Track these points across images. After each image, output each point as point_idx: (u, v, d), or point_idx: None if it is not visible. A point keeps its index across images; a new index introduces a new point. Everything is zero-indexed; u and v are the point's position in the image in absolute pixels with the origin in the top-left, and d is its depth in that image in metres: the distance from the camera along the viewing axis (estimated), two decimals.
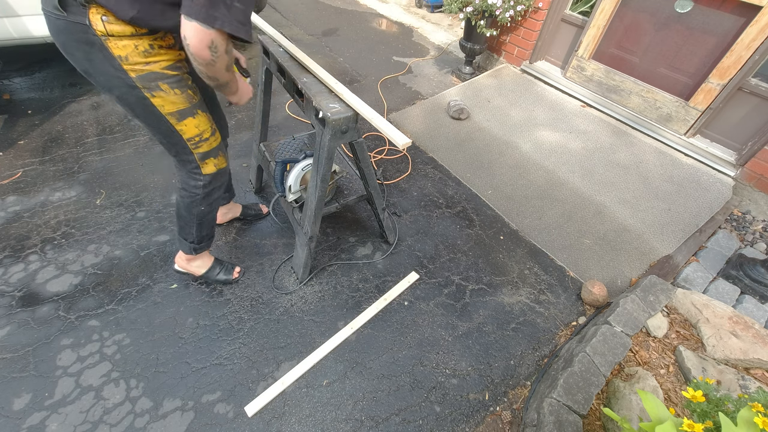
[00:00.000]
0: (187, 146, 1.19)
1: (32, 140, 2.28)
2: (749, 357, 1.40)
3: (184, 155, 1.21)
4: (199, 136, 1.19)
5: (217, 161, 1.28)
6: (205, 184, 1.29)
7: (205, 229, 1.44)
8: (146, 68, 0.99)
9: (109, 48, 0.93)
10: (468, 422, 1.38)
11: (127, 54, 0.95)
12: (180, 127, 1.13)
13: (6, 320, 1.49)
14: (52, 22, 0.93)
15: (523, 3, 2.77)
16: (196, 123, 1.16)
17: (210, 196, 1.33)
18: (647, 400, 0.80)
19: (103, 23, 0.89)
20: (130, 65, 0.97)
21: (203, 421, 1.30)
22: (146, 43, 0.97)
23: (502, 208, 2.19)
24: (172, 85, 1.06)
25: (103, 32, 0.90)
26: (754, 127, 2.28)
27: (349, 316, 1.63)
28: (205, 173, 1.27)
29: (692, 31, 2.33)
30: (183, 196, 1.32)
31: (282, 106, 2.79)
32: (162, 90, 1.04)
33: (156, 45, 0.99)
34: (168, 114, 1.09)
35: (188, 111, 1.12)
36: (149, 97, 1.04)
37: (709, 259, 1.94)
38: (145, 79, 1.00)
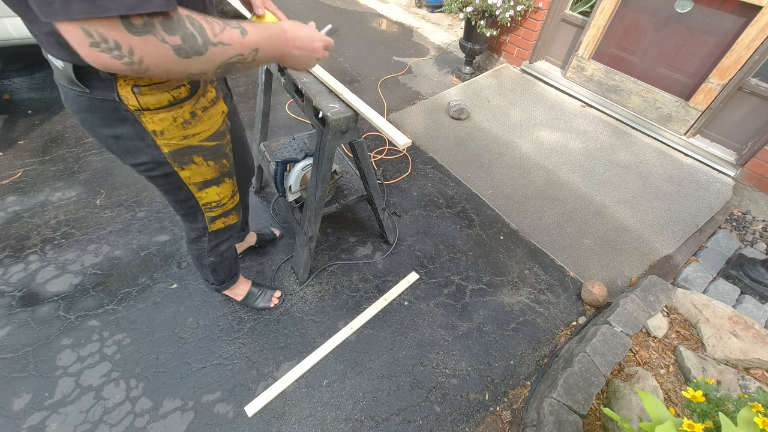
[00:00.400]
0: (200, 210, 1.06)
1: (32, 140, 2.28)
2: (749, 357, 1.40)
3: (193, 216, 1.08)
4: (217, 202, 1.06)
5: (227, 220, 1.15)
6: (210, 240, 1.18)
7: (222, 273, 1.38)
8: (183, 142, 0.84)
9: (143, 123, 0.77)
10: (468, 422, 1.38)
11: (163, 128, 0.80)
12: (200, 194, 1.00)
13: (6, 320, 1.49)
14: (70, 98, 0.76)
15: (523, 3, 2.77)
16: (219, 191, 1.03)
17: (217, 249, 1.23)
18: (647, 400, 0.80)
19: (135, 96, 0.73)
20: (166, 140, 0.82)
21: (203, 421, 1.30)
22: (187, 112, 0.81)
23: (502, 208, 2.19)
24: (207, 158, 0.92)
25: (137, 106, 0.74)
26: (754, 127, 2.28)
27: (349, 316, 1.63)
28: (210, 230, 1.15)
29: (692, 31, 2.33)
30: (190, 249, 1.23)
31: (282, 106, 2.79)
32: (195, 163, 0.90)
33: (199, 110, 0.83)
34: (192, 184, 0.96)
35: (215, 180, 0.99)
36: (178, 170, 0.89)
37: (709, 259, 1.94)
38: (179, 154, 0.86)
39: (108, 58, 0.51)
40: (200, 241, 1.19)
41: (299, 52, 0.77)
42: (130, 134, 0.79)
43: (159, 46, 0.53)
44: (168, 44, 0.54)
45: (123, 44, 0.51)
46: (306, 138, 1.92)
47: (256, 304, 1.59)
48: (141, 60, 0.53)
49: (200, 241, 1.19)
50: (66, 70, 0.69)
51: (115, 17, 0.48)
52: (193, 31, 0.56)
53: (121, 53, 0.51)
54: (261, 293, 1.60)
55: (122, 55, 0.52)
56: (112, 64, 0.52)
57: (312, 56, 0.81)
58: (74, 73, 0.68)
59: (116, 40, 0.50)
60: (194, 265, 1.36)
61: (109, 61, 0.52)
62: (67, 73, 0.69)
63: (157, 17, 0.51)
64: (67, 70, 0.69)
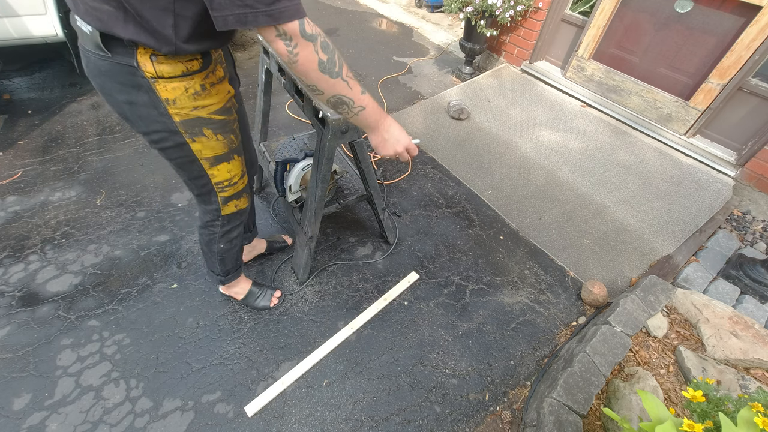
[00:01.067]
0: (213, 189, 1.11)
1: (32, 140, 2.28)
2: (749, 357, 1.40)
3: (207, 196, 1.14)
4: (229, 181, 1.11)
5: (238, 202, 1.21)
6: (223, 224, 1.23)
7: (229, 263, 1.40)
8: (193, 113, 0.91)
9: (157, 91, 0.84)
10: (468, 422, 1.38)
11: (176, 97, 0.86)
12: (212, 171, 1.06)
13: (6, 320, 1.49)
14: (92, 62, 0.84)
15: (523, 3, 2.77)
16: (230, 168, 1.09)
17: (228, 234, 1.28)
18: (647, 400, 0.80)
19: (152, 63, 0.80)
20: (177, 109, 0.88)
21: (203, 421, 1.30)
22: (197, 83, 0.88)
23: (502, 208, 2.19)
24: (216, 131, 0.98)
25: (153, 74, 0.81)
26: (754, 127, 2.28)
27: (349, 316, 1.63)
28: (223, 214, 1.20)
29: (692, 31, 2.33)
30: (202, 234, 1.28)
31: (282, 106, 2.79)
32: (204, 136, 0.96)
33: (208, 84, 0.91)
34: (203, 158, 1.01)
35: (225, 156, 1.05)
36: (189, 142, 0.95)
37: (709, 259, 1.94)
38: (190, 125, 0.92)
39: (282, 45, 0.71)
40: (213, 226, 1.23)
41: (387, 136, 0.97)
42: (144, 101, 0.86)
43: (312, 53, 0.74)
44: (317, 56, 0.74)
45: (294, 40, 0.71)
46: (306, 138, 1.92)
47: (257, 303, 1.59)
48: (297, 53, 0.73)
49: (213, 225, 1.23)
50: (93, 35, 0.78)
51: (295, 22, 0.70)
52: (336, 60, 0.78)
53: (290, 45, 0.72)
54: (261, 293, 1.60)
55: (290, 46, 0.72)
56: (283, 50, 0.72)
57: (393, 147, 0.99)
58: (101, 38, 0.77)
59: (291, 36, 0.71)
60: (203, 252, 1.37)
61: (282, 48, 0.72)
62: (94, 38, 0.78)
63: (320, 37, 0.74)
64: (94, 35, 0.78)
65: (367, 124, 0.93)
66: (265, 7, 0.66)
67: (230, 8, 0.67)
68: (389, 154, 1.00)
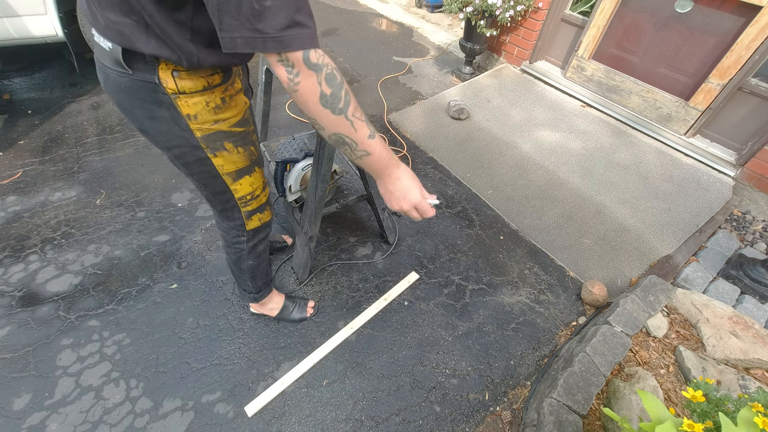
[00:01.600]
0: (236, 205, 1.09)
1: (32, 140, 2.28)
2: (749, 357, 1.40)
3: (230, 212, 1.12)
4: (251, 194, 1.09)
5: (262, 216, 1.18)
6: (249, 239, 1.21)
7: (260, 279, 1.38)
8: (214, 127, 0.89)
9: (179, 106, 0.82)
10: (468, 422, 1.38)
11: (197, 112, 0.85)
12: (235, 186, 1.04)
13: (6, 320, 1.49)
14: (111, 79, 0.82)
15: (523, 3, 2.77)
16: (251, 181, 1.07)
17: (255, 249, 1.26)
18: (647, 400, 0.80)
19: (174, 79, 0.78)
20: (199, 124, 0.87)
21: (203, 421, 1.31)
22: (218, 97, 0.87)
23: (502, 208, 2.19)
24: (237, 143, 0.96)
25: (174, 90, 0.80)
26: (754, 127, 2.28)
27: (349, 316, 1.63)
28: (248, 229, 1.18)
29: (692, 31, 2.33)
30: (229, 253, 1.25)
31: (282, 106, 2.79)
32: (226, 150, 0.95)
33: (227, 96, 0.89)
34: (225, 174, 0.99)
35: (247, 169, 1.03)
36: (211, 157, 0.94)
37: (709, 259, 1.94)
38: (211, 139, 0.91)
39: (283, 71, 0.66)
40: (239, 243, 1.21)
41: (393, 189, 0.88)
42: (165, 117, 0.84)
43: (314, 84, 0.68)
44: (320, 88, 0.68)
45: (296, 68, 0.66)
46: (306, 138, 1.92)
47: (292, 316, 1.57)
48: (298, 83, 0.67)
49: (239, 242, 1.20)
50: (114, 52, 0.76)
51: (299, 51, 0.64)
52: (342, 96, 0.71)
53: (291, 72, 0.66)
54: (295, 305, 1.58)
55: (291, 74, 0.66)
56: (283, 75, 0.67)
57: (398, 202, 0.89)
58: (122, 55, 0.75)
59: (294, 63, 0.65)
60: (232, 272, 1.34)
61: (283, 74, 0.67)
62: (114, 55, 0.76)
63: (326, 68, 0.68)
64: (114, 52, 0.76)
65: (371, 170, 0.85)
66: (276, 33, 0.62)
67: (239, 30, 0.62)
68: (394, 209, 0.91)
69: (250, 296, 1.43)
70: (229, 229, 1.17)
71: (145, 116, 0.85)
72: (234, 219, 1.14)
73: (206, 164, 0.95)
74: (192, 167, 0.96)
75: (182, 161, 0.95)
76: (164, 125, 0.86)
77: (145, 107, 0.83)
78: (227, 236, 1.20)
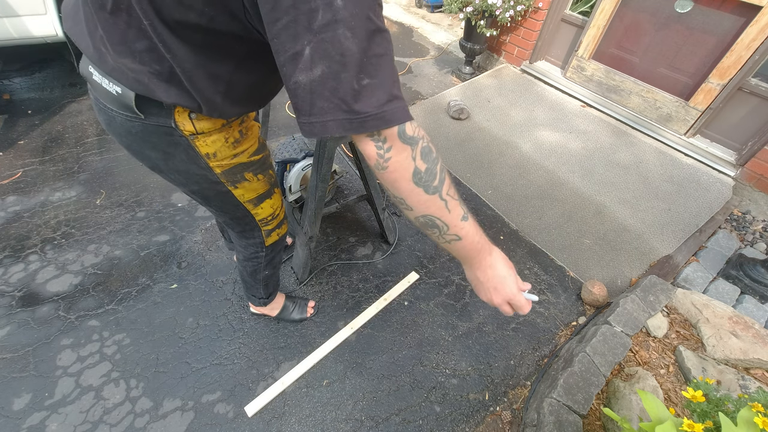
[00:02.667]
0: (257, 226, 1.08)
1: (32, 140, 2.28)
2: (749, 357, 1.40)
3: (250, 233, 1.10)
4: (272, 215, 1.08)
5: (280, 230, 1.17)
6: (267, 254, 1.20)
7: (271, 286, 1.39)
8: (233, 161, 0.85)
9: (197, 147, 0.77)
10: (468, 422, 1.38)
11: (216, 150, 0.80)
12: (256, 210, 1.02)
13: (6, 320, 1.49)
14: (117, 122, 0.74)
15: (523, 3, 2.77)
16: (272, 203, 1.05)
17: (273, 261, 1.26)
18: (647, 400, 0.80)
19: (191, 122, 0.73)
20: (218, 161, 0.82)
21: (203, 421, 1.31)
22: (236, 131, 0.82)
23: (502, 208, 2.19)
24: (256, 172, 0.93)
25: (192, 131, 0.74)
26: (754, 127, 2.28)
27: (349, 316, 1.63)
28: (267, 245, 1.17)
29: (692, 31, 2.33)
30: (245, 266, 1.24)
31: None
32: (246, 180, 0.91)
33: (245, 129, 0.85)
34: (247, 201, 0.97)
35: (267, 194, 1.01)
36: (231, 189, 0.90)
37: (709, 259, 1.94)
38: (231, 173, 0.87)
39: (372, 145, 0.57)
40: (257, 257, 1.20)
41: (484, 279, 0.76)
42: (182, 158, 0.79)
43: (407, 159, 0.58)
44: (414, 164, 0.59)
45: (388, 142, 0.56)
46: (306, 138, 1.92)
47: (293, 316, 1.57)
48: (389, 158, 0.58)
49: (257, 257, 1.19)
50: (124, 97, 0.69)
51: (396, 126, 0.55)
52: (438, 173, 0.61)
53: (381, 146, 0.57)
54: (295, 305, 1.58)
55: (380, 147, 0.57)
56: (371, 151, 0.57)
57: (488, 294, 0.78)
58: (135, 101, 0.68)
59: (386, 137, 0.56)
60: (244, 282, 1.34)
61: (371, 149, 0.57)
62: (124, 100, 0.69)
63: (422, 141, 0.59)
64: (125, 97, 0.69)
65: (460, 256, 0.73)
66: (376, 110, 0.53)
67: (333, 113, 0.52)
68: (484, 300, 0.79)
69: (260, 301, 1.42)
70: (248, 246, 1.16)
71: (158, 158, 0.79)
72: (254, 237, 1.12)
73: (227, 197, 0.92)
74: (211, 201, 0.93)
75: (201, 196, 0.92)
76: (181, 165, 0.80)
77: (159, 149, 0.77)
78: (245, 252, 1.18)
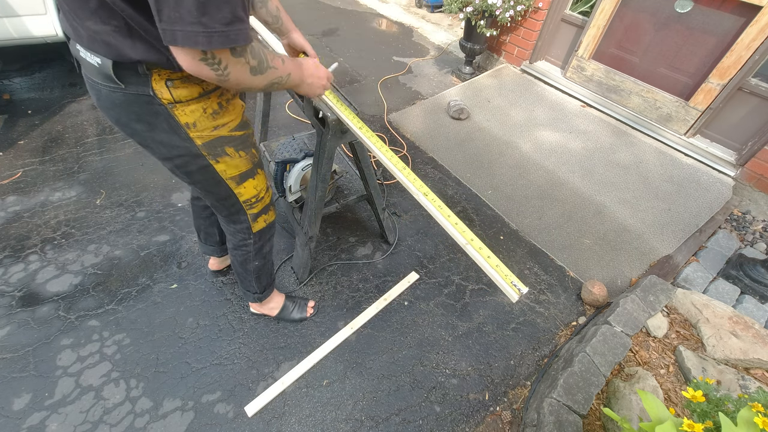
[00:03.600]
0: (242, 208, 1.10)
1: (32, 140, 2.28)
2: (749, 357, 1.40)
3: (236, 216, 1.13)
4: (256, 197, 1.10)
5: (267, 217, 1.20)
6: (255, 241, 1.22)
7: (265, 280, 1.39)
8: (214, 133, 0.89)
9: (176, 116, 0.82)
10: (468, 422, 1.38)
11: (195, 120, 0.84)
12: (239, 190, 1.04)
13: (6, 320, 1.49)
14: (103, 95, 0.80)
15: (523, 3, 2.77)
16: (255, 183, 1.08)
17: (262, 250, 1.27)
18: (647, 400, 0.80)
19: (168, 89, 0.78)
20: (198, 132, 0.86)
21: (203, 421, 1.30)
22: (215, 102, 0.86)
23: (502, 208, 2.19)
24: (238, 148, 0.96)
25: (170, 99, 0.79)
26: (754, 127, 2.28)
27: (349, 316, 1.63)
28: (254, 231, 1.19)
29: (692, 31, 2.33)
30: (235, 255, 1.26)
31: (282, 106, 2.79)
32: (228, 155, 0.95)
33: (224, 101, 0.89)
34: (229, 178, 1.00)
35: (249, 172, 1.04)
36: (213, 163, 0.94)
37: (709, 259, 1.94)
38: (212, 146, 0.90)
39: (208, 69, 0.66)
40: (246, 245, 1.21)
41: (310, 80, 0.95)
42: (164, 128, 0.84)
43: (244, 66, 0.71)
44: (249, 65, 0.72)
45: (224, 62, 0.67)
46: (306, 138, 1.92)
47: (292, 316, 1.57)
48: (228, 73, 0.69)
49: (246, 244, 1.21)
50: (103, 67, 0.74)
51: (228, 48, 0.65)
52: (262, 57, 0.75)
53: (219, 67, 0.67)
54: (295, 305, 1.58)
55: (219, 69, 0.67)
56: (209, 74, 0.67)
57: (319, 84, 0.98)
58: (113, 69, 0.73)
59: (221, 59, 0.66)
60: (237, 273, 1.35)
61: (207, 72, 0.67)
62: (104, 70, 0.74)
63: (249, 46, 0.69)
64: (104, 67, 0.74)
65: (295, 84, 0.90)
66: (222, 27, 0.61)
67: (179, 23, 0.59)
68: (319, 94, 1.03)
69: (255, 296, 1.43)
70: (236, 232, 1.18)
71: (143, 129, 0.84)
72: (240, 222, 1.15)
73: (209, 171, 0.95)
74: (195, 176, 0.96)
75: (184, 170, 0.94)
76: (164, 136, 0.85)
77: (143, 120, 0.82)
78: (234, 239, 1.21)
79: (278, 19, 1.11)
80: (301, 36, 1.15)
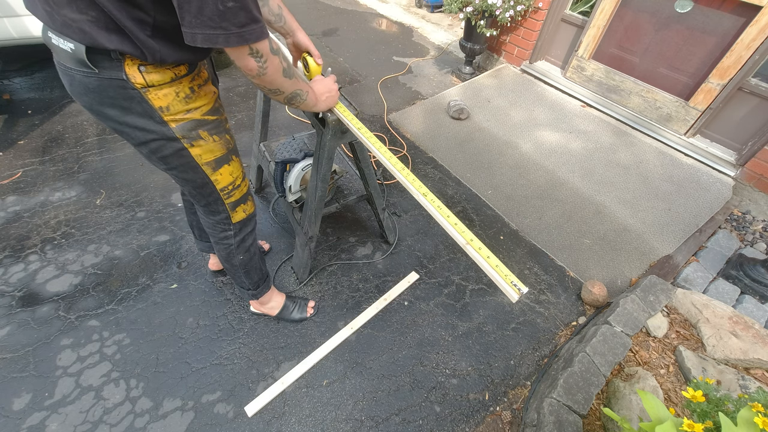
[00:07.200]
0: (219, 197, 1.11)
1: (32, 140, 2.28)
2: (749, 357, 1.40)
3: (214, 205, 1.13)
4: (232, 184, 1.11)
5: (245, 207, 1.20)
6: (236, 233, 1.22)
7: (255, 274, 1.38)
8: (187, 116, 0.91)
9: (150, 100, 0.83)
10: (468, 422, 1.38)
11: (168, 103, 0.86)
12: (215, 176, 1.06)
13: (6, 320, 1.49)
14: (76, 80, 0.81)
15: (523, 3, 2.77)
16: (231, 170, 1.09)
17: (244, 243, 1.27)
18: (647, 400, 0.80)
19: (141, 74, 0.79)
20: (172, 115, 0.88)
21: (203, 421, 1.31)
22: (186, 87, 0.88)
23: (502, 208, 2.19)
24: (211, 132, 0.98)
25: (143, 84, 0.81)
26: (754, 127, 2.28)
27: (349, 316, 1.63)
28: (234, 222, 1.20)
29: (692, 31, 2.33)
30: (219, 250, 1.26)
31: (282, 106, 2.78)
32: (202, 138, 0.96)
33: (195, 86, 0.91)
34: (204, 164, 1.01)
35: (224, 158, 1.05)
36: (188, 147, 0.95)
37: (709, 259, 1.94)
38: (186, 129, 0.92)
39: (253, 62, 0.77)
40: (227, 237, 1.22)
41: (326, 95, 1.11)
42: (138, 112, 0.85)
43: (279, 64, 0.83)
44: (283, 65, 0.84)
45: (264, 56, 0.78)
46: (306, 138, 1.92)
47: (293, 316, 1.57)
48: (267, 67, 0.80)
49: (227, 237, 1.22)
50: (77, 52, 0.75)
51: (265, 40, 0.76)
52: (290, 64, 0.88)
53: (261, 60, 0.78)
54: (295, 305, 1.58)
55: (260, 61, 0.78)
56: (253, 66, 0.78)
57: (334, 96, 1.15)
58: (86, 54, 0.75)
59: (262, 53, 0.77)
60: (227, 270, 1.35)
61: (253, 64, 0.78)
62: (78, 55, 0.76)
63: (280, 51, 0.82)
64: (78, 52, 0.75)
65: (313, 104, 1.03)
66: (237, 29, 0.69)
67: (200, 28, 0.67)
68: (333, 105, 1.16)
69: (249, 293, 1.43)
70: (215, 224, 1.19)
71: (117, 114, 0.85)
72: (219, 213, 1.16)
73: (184, 155, 0.96)
74: (170, 161, 0.97)
75: (159, 155, 0.95)
76: (138, 120, 0.87)
77: (116, 105, 0.84)
78: (214, 232, 1.22)
79: (281, 17, 1.13)
80: (306, 36, 1.18)
